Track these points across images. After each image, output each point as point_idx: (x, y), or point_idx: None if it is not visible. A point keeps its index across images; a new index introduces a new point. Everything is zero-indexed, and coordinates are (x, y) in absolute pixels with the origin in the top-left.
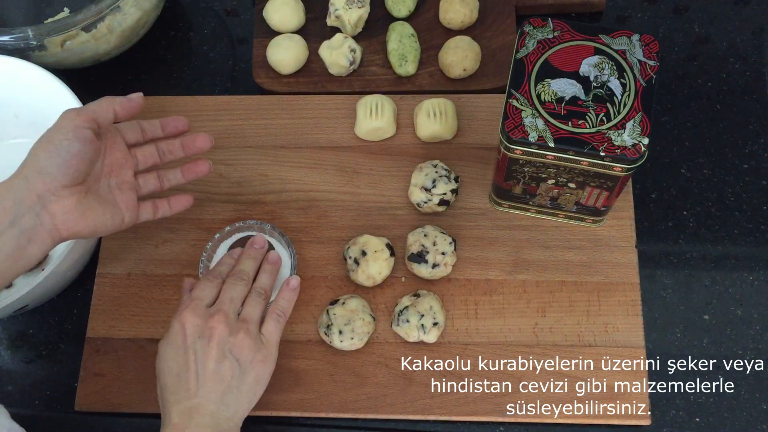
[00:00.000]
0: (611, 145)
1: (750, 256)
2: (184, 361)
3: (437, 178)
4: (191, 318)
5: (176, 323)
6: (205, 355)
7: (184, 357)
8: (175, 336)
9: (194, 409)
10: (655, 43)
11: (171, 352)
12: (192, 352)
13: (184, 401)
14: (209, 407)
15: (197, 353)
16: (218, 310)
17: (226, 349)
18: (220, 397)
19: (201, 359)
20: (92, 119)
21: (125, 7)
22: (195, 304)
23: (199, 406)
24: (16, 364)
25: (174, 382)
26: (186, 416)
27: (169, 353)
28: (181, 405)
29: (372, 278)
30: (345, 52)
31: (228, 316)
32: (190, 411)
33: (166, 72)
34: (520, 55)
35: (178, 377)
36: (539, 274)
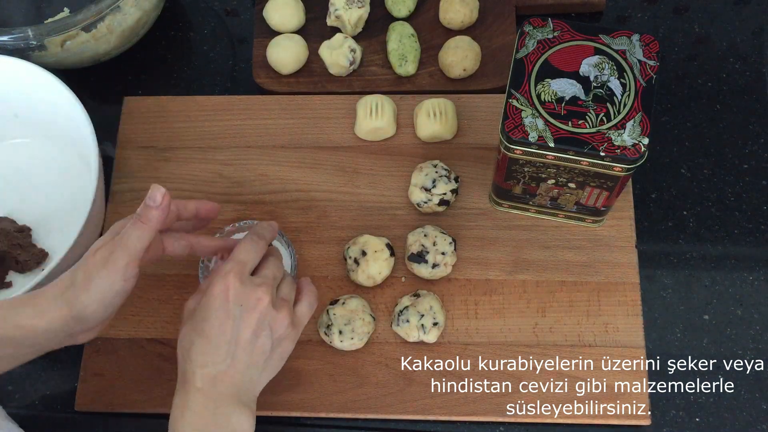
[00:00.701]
0: (611, 145)
1: (750, 256)
2: (220, 325)
3: (437, 178)
4: (236, 283)
5: (219, 284)
6: (244, 323)
7: (222, 321)
8: (216, 298)
9: (220, 377)
10: (655, 43)
11: (207, 313)
12: (231, 318)
13: (211, 366)
14: (235, 377)
15: (236, 320)
16: (263, 283)
17: (265, 322)
18: (246, 368)
19: (239, 327)
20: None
21: (125, 7)
22: (240, 268)
23: (225, 374)
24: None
25: (204, 343)
26: (210, 382)
27: (205, 314)
28: (208, 369)
29: (372, 278)
30: (345, 52)
31: (272, 291)
32: (215, 378)
33: (166, 72)
34: (520, 55)
35: (209, 340)
36: (539, 274)
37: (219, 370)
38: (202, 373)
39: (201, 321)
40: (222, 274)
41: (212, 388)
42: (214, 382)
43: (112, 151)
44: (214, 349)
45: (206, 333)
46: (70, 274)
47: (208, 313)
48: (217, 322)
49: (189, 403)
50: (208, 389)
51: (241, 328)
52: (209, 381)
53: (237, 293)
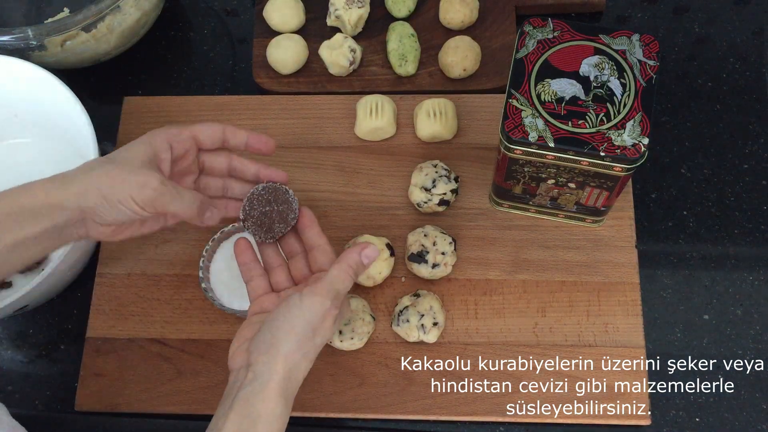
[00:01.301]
0: (611, 145)
1: (750, 256)
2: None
3: (437, 178)
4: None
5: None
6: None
7: (329, 339)
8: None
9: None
10: (655, 43)
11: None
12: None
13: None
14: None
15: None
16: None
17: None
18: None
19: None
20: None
21: (125, 7)
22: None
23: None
24: (16, 364)
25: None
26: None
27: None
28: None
29: (372, 278)
30: (345, 52)
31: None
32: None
33: (166, 72)
34: (520, 55)
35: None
36: (539, 274)
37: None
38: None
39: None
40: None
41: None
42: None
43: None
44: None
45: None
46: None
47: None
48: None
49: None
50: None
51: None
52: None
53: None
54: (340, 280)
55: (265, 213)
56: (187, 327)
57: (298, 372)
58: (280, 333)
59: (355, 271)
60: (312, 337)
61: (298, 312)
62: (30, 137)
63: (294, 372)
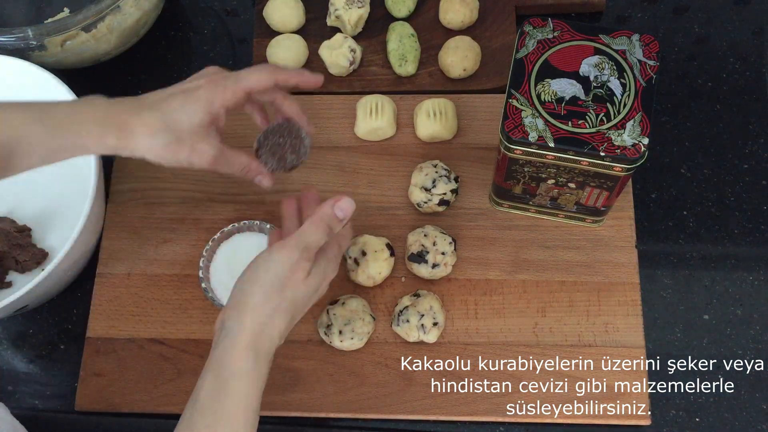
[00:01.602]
0: (611, 145)
1: (750, 256)
2: (306, 303)
3: (437, 178)
4: (328, 282)
5: (322, 279)
6: (314, 298)
7: (309, 302)
8: (316, 286)
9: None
10: (655, 43)
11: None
12: (314, 299)
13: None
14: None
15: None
16: (336, 267)
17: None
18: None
19: (311, 302)
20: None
21: (125, 7)
22: (336, 267)
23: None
24: (16, 364)
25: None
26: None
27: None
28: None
29: (372, 278)
30: (345, 52)
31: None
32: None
33: (166, 72)
34: (520, 55)
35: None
36: (539, 274)
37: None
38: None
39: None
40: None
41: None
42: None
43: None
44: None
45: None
46: None
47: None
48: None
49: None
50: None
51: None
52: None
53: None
54: (311, 233)
55: (278, 144)
56: (187, 327)
57: (271, 328)
58: (247, 286)
59: (328, 223)
60: (280, 290)
61: (265, 265)
62: None
63: (266, 327)
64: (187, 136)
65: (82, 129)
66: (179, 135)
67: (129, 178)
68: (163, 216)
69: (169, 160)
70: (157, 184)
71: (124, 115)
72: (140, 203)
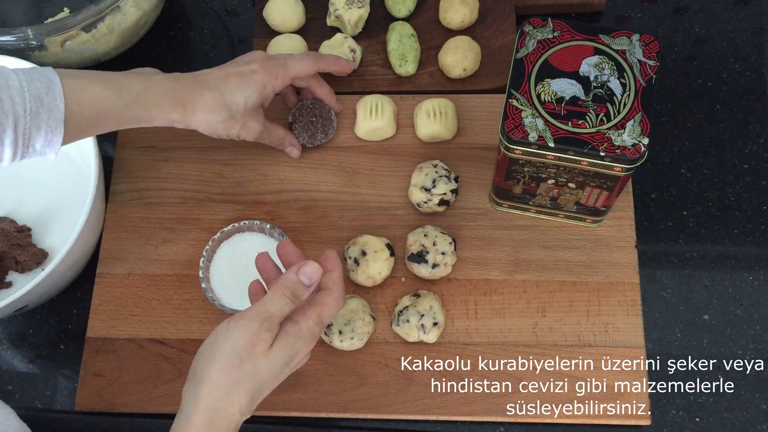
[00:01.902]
0: (611, 145)
1: (750, 256)
2: (274, 378)
3: (437, 178)
4: (305, 355)
5: (302, 349)
6: (286, 372)
7: (278, 378)
8: (285, 360)
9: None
10: (655, 43)
11: (279, 369)
12: (285, 373)
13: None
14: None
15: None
16: (313, 340)
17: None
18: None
19: (281, 377)
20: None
21: (125, 7)
22: (312, 340)
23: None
24: (16, 364)
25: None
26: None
27: (278, 368)
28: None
29: (372, 278)
30: (345, 52)
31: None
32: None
33: (165, 72)
34: (520, 55)
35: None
36: (539, 274)
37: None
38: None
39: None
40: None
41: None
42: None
43: (112, 151)
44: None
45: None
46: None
47: (279, 367)
48: (274, 376)
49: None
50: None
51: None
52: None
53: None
54: (273, 302)
55: (311, 122)
56: (187, 327)
57: (228, 404)
58: (203, 360)
59: (292, 291)
60: (239, 364)
61: (222, 337)
62: None
63: (223, 404)
64: (240, 114)
65: (153, 104)
66: (234, 113)
67: (129, 178)
68: (163, 216)
69: (220, 134)
70: (157, 184)
71: (188, 93)
72: (140, 203)
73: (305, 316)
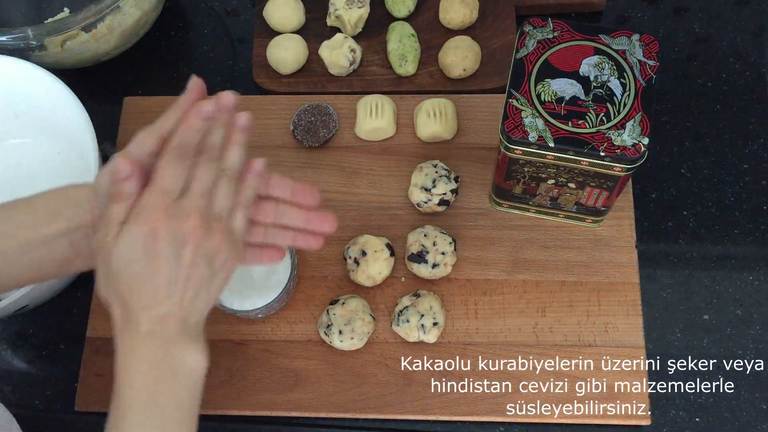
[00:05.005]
0: (611, 145)
1: (750, 256)
2: (154, 266)
3: (437, 178)
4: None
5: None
6: (177, 260)
7: (154, 262)
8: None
9: (165, 318)
10: (655, 43)
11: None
12: (164, 258)
13: (155, 308)
14: (180, 314)
15: (169, 259)
16: (192, 208)
17: (200, 254)
18: (190, 303)
19: (173, 265)
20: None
21: (125, 7)
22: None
23: (169, 314)
24: (16, 364)
25: (139, 285)
26: (158, 324)
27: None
28: (152, 312)
29: (372, 278)
30: (345, 52)
31: (203, 215)
32: (162, 319)
33: (166, 72)
34: (520, 55)
35: (145, 282)
36: (539, 274)
37: (164, 310)
38: (148, 316)
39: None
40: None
41: (162, 330)
42: (162, 324)
43: (112, 151)
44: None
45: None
46: None
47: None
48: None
49: (136, 350)
50: (157, 332)
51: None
52: (157, 323)
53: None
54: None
55: (310, 122)
56: None
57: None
58: None
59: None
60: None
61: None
62: (30, 137)
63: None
64: None
65: None
66: None
67: None
68: None
69: None
70: None
71: None
72: None
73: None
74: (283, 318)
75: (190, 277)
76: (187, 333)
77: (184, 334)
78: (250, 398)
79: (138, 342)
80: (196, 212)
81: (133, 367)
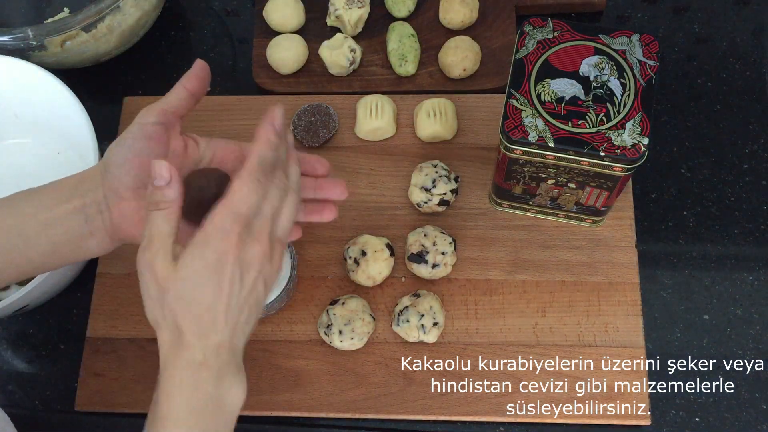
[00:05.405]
0: (611, 145)
1: (750, 256)
2: (218, 293)
3: (437, 178)
4: (236, 250)
5: (215, 253)
6: (240, 286)
7: (219, 289)
8: (213, 265)
9: (221, 346)
10: (655, 43)
11: (202, 279)
12: (228, 284)
13: (212, 336)
14: (231, 342)
15: (234, 285)
16: (262, 233)
17: (261, 278)
18: (242, 328)
19: (236, 292)
20: (161, 111)
21: (125, 7)
22: (240, 225)
23: (223, 342)
24: (16, 364)
25: (201, 312)
26: (213, 354)
27: (199, 280)
28: (208, 341)
29: (372, 278)
30: (345, 52)
31: (269, 238)
32: (217, 347)
33: (166, 72)
34: (520, 55)
35: (207, 309)
36: (539, 274)
37: (220, 339)
38: (203, 345)
39: (195, 288)
40: (219, 236)
41: (215, 359)
42: (218, 352)
43: None
44: (211, 318)
45: (203, 303)
46: None
47: (203, 280)
48: (215, 288)
49: (185, 380)
50: (211, 362)
51: (239, 292)
52: (211, 352)
53: (234, 258)
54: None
55: (310, 122)
56: None
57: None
58: None
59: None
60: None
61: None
62: (30, 137)
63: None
64: None
65: None
66: None
67: None
68: None
69: None
70: None
71: None
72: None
73: (211, 214)
74: (283, 318)
75: (247, 302)
76: (234, 362)
77: (232, 364)
78: (250, 398)
79: (189, 373)
80: (265, 237)
81: (178, 399)
